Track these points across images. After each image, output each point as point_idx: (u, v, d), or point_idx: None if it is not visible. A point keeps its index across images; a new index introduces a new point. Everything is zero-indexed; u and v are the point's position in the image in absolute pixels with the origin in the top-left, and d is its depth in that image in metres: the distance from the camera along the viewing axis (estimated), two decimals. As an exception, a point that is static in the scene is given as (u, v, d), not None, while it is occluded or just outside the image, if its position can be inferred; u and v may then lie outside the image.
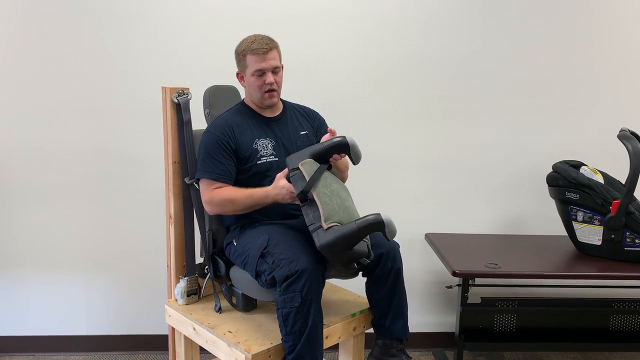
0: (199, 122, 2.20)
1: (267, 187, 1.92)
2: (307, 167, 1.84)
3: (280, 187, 1.87)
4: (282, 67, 2.08)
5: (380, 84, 2.73)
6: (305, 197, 1.79)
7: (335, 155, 1.92)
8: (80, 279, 2.78)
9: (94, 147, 2.68)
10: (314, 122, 2.20)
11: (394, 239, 2.01)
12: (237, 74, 2.08)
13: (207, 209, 2.00)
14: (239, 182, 2.01)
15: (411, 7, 2.68)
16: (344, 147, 1.89)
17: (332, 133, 1.97)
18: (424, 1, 2.68)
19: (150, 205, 2.71)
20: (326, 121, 2.25)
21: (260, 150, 2.01)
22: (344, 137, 1.89)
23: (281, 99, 2.16)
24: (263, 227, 1.97)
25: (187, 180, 2.08)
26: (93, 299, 2.80)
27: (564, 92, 2.80)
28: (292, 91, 2.35)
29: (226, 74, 2.33)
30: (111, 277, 2.79)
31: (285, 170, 1.89)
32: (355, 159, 1.90)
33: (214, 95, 2.15)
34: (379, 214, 1.72)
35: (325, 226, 1.72)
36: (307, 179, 1.80)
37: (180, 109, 2.07)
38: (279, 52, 2.03)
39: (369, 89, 2.73)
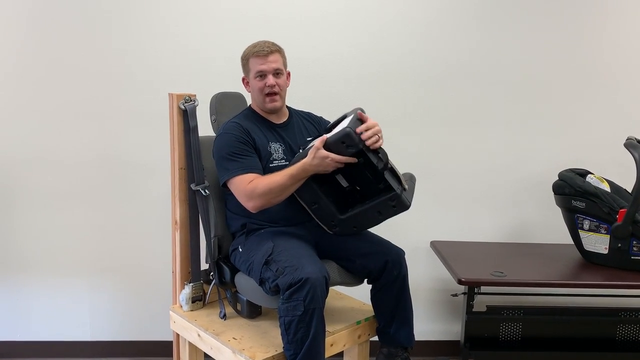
0: (205, 128, 2.21)
1: (303, 161, 1.84)
2: None
3: (322, 157, 1.79)
4: (289, 74, 2.09)
5: (383, 90, 2.73)
6: (385, 168, 1.88)
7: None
8: (84, 285, 2.78)
9: (100, 153, 2.69)
10: (320, 126, 2.20)
11: (400, 246, 2.02)
12: (243, 79, 2.09)
13: (250, 205, 1.90)
14: None
15: (416, 13, 2.69)
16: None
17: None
18: (429, 7, 2.69)
19: (156, 211, 2.71)
20: (323, 122, 2.25)
21: (273, 154, 2.02)
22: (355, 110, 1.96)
23: (287, 106, 2.16)
24: (268, 234, 1.97)
25: (193, 186, 2.09)
26: (97, 305, 2.80)
27: (571, 99, 2.79)
28: (291, 94, 2.35)
29: (233, 81, 2.34)
30: (116, 283, 2.79)
31: (323, 139, 1.83)
32: None
33: (221, 102, 2.16)
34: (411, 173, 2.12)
35: (406, 187, 1.92)
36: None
37: (187, 116, 2.07)
38: (282, 57, 2.04)
39: (372, 94, 2.73)
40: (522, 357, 2.75)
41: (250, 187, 1.88)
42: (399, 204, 1.89)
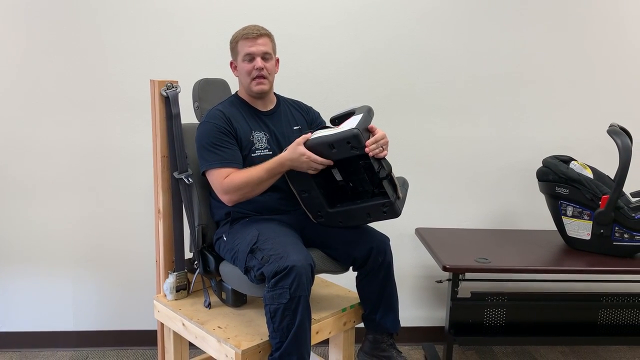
0: (188, 115, 2.18)
1: (280, 155, 1.86)
2: None
3: (300, 154, 1.80)
4: (278, 60, 2.06)
5: (369, 79, 2.72)
6: (386, 177, 1.87)
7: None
8: (68, 274, 2.75)
9: (81, 141, 2.64)
10: (308, 115, 2.18)
11: (384, 233, 2.02)
12: (231, 64, 2.06)
13: (225, 199, 1.91)
14: None
15: (403, 3, 2.67)
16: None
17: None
18: (416, -5, 2.67)
19: (139, 200, 2.68)
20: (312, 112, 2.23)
21: (256, 143, 1.99)
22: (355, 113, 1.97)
23: (275, 94, 2.14)
24: (253, 223, 1.95)
25: (176, 174, 2.06)
26: (81, 295, 2.78)
27: (555, 87, 2.80)
28: (280, 82, 2.34)
29: (216, 67, 2.31)
30: (99, 272, 2.76)
31: (306, 136, 1.84)
32: None
33: (204, 89, 2.12)
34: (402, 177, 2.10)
35: (400, 195, 1.91)
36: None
37: (169, 102, 2.04)
38: (272, 42, 2.01)
39: (358, 83, 2.71)
40: (506, 342, 2.79)
41: (226, 182, 1.88)
42: (391, 211, 1.89)
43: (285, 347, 1.73)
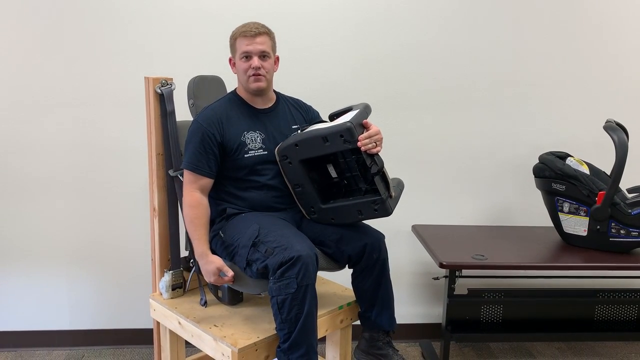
0: (184, 113, 2.17)
1: (206, 249, 1.90)
2: None
3: (210, 261, 1.87)
4: (277, 58, 2.05)
5: (365, 75, 2.71)
6: (377, 173, 1.86)
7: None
8: (63, 273, 2.74)
9: (76, 139, 2.63)
10: (307, 115, 2.16)
11: (381, 230, 2.01)
12: (230, 60, 2.05)
13: (183, 206, 1.97)
14: (227, 177, 1.98)
15: (401, 0, 2.67)
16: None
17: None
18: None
19: (134, 198, 2.67)
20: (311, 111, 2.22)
21: (249, 144, 1.98)
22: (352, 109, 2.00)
23: (275, 92, 2.12)
24: (251, 217, 1.94)
25: (171, 172, 2.05)
26: (77, 294, 2.76)
27: (551, 83, 2.80)
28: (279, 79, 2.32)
29: (210, 64, 2.30)
30: (95, 271, 2.75)
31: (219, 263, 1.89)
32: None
33: (199, 86, 2.11)
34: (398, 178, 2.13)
35: (393, 194, 1.91)
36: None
37: (163, 100, 2.03)
38: (271, 40, 1.99)
39: (354, 79, 2.70)
40: (503, 338, 2.79)
41: (186, 197, 1.92)
42: (382, 210, 1.89)
43: (294, 337, 1.73)
